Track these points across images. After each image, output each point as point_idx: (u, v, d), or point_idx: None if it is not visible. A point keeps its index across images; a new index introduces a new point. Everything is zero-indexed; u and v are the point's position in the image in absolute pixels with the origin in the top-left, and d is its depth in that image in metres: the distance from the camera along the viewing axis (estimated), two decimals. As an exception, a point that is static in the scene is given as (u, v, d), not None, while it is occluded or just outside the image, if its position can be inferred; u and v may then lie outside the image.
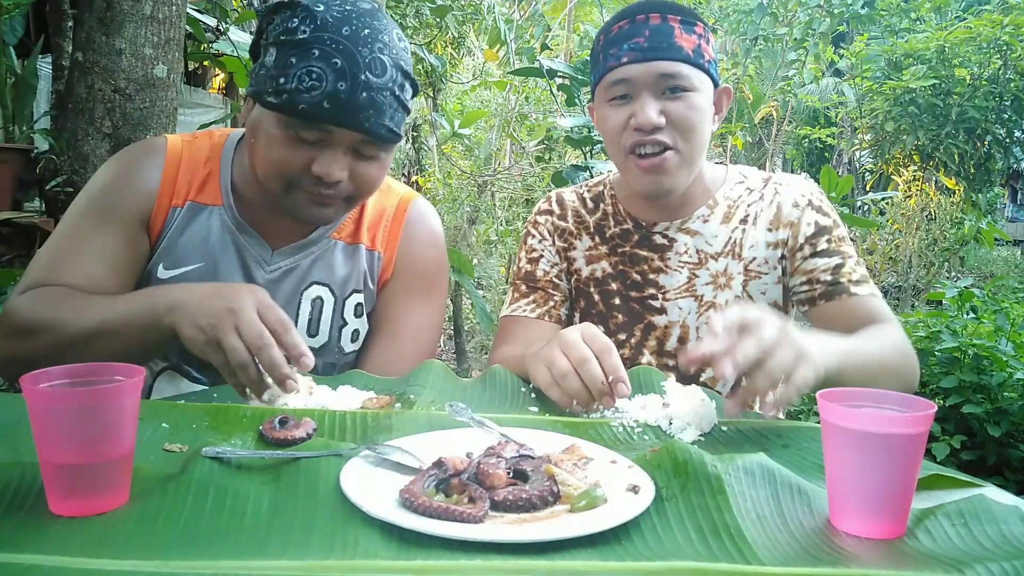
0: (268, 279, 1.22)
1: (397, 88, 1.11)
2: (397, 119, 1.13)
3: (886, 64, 8.31)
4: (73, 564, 0.57)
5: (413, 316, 1.29)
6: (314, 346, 1.24)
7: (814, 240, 1.32)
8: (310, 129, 1.07)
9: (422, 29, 5.25)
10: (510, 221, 6.44)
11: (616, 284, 1.39)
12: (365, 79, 1.06)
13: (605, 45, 1.29)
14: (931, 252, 7.66)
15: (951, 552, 0.63)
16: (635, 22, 1.26)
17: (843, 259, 1.31)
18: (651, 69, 1.24)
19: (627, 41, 1.26)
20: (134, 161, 1.22)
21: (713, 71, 1.28)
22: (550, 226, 1.45)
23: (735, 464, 0.74)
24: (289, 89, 1.05)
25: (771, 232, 1.35)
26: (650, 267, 1.38)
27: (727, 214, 1.37)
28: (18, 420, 0.80)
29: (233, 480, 0.71)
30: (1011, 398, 2.45)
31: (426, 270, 1.32)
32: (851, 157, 10.90)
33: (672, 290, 1.36)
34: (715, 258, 1.36)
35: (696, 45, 1.26)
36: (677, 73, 1.24)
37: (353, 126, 1.07)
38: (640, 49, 1.24)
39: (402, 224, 1.31)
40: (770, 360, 0.87)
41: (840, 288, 1.29)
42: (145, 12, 2.23)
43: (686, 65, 1.25)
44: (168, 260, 1.20)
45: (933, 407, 0.69)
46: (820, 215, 1.34)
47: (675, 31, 1.25)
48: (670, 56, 1.24)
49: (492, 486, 0.69)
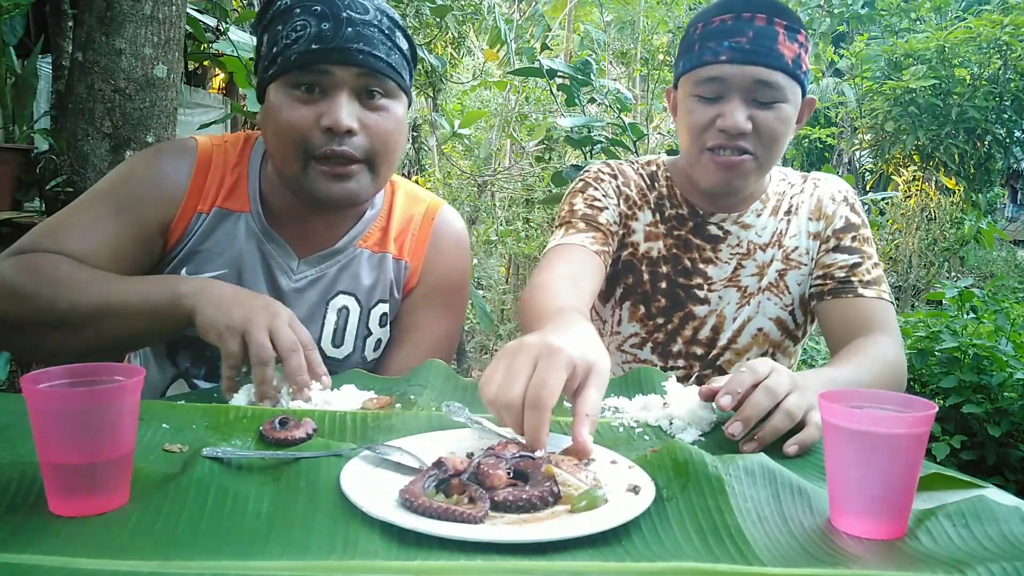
0: (294, 287, 1.21)
1: (385, 28, 1.12)
2: (394, 59, 1.12)
3: (886, 64, 8.31)
4: (73, 564, 0.57)
5: (435, 325, 1.28)
6: (339, 356, 1.24)
7: (841, 235, 1.34)
8: (307, 76, 1.08)
9: (422, 29, 5.24)
10: (510, 221, 6.44)
11: (667, 267, 1.38)
12: (347, 16, 1.08)
13: (703, 36, 1.24)
14: (931, 252, 7.66)
15: (952, 553, 0.63)
16: (740, 19, 1.21)
17: (861, 258, 1.32)
18: (749, 73, 1.20)
19: (729, 38, 1.21)
20: (163, 163, 1.19)
21: (806, 82, 1.26)
22: (615, 188, 1.39)
23: (736, 464, 0.74)
24: (281, 50, 1.09)
25: (812, 222, 1.37)
26: (701, 256, 1.37)
27: (775, 207, 1.38)
28: (18, 420, 0.80)
29: (233, 480, 0.70)
30: (1011, 398, 2.45)
31: (451, 280, 1.30)
32: (851, 157, 10.89)
33: (718, 281, 1.37)
34: (762, 249, 1.37)
35: (796, 54, 1.22)
36: (774, 82, 1.20)
37: (345, 60, 1.08)
38: (741, 50, 1.20)
39: (429, 232, 1.29)
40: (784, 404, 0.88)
41: (849, 287, 1.29)
42: (145, 12, 2.23)
43: (783, 75, 1.21)
44: (192, 265, 1.18)
45: (934, 407, 0.69)
46: (852, 212, 1.36)
47: (779, 36, 1.20)
48: (770, 63, 1.20)
49: (492, 486, 0.69)
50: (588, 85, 2.72)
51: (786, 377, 0.91)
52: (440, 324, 1.29)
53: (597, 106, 3.23)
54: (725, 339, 1.38)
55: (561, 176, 2.64)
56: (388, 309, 1.27)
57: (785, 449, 0.87)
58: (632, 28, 7.24)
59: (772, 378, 0.90)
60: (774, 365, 0.92)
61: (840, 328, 1.29)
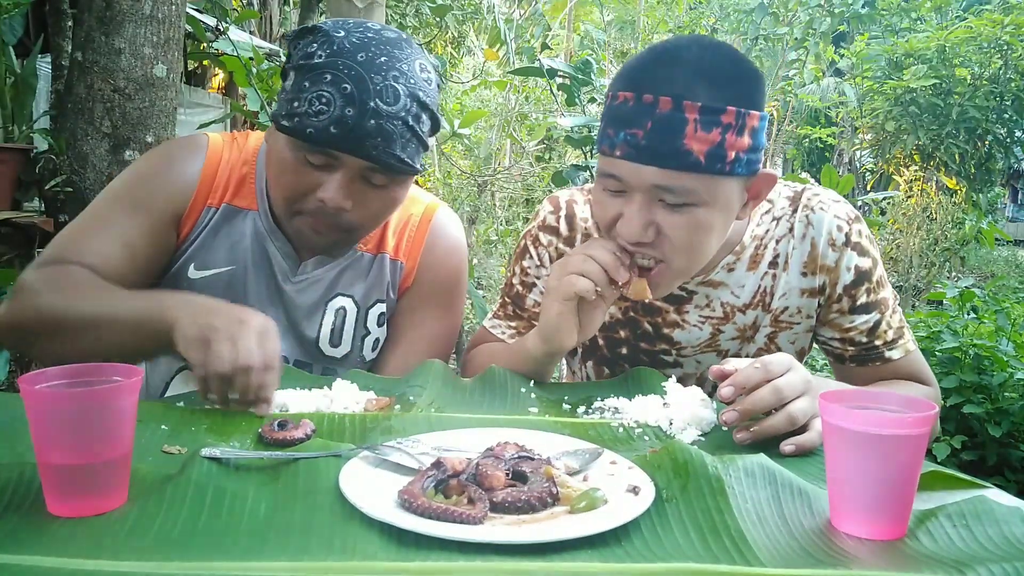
0: (294, 288, 1.22)
1: (411, 118, 1.08)
2: (410, 151, 1.10)
3: (887, 64, 8.31)
4: (71, 565, 0.57)
5: (430, 326, 1.29)
6: (336, 356, 1.25)
7: (853, 291, 1.16)
8: (317, 154, 1.07)
9: (422, 28, 5.25)
10: (510, 221, 6.45)
11: (624, 332, 1.25)
12: (374, 106, 1.04)
13: (606, 115, 1.03)
14: (932, 252, 7.66)
15: (952, 553, 0.63)
16: (640, 103, 0.97)
17: (880, 314, 1.17)
18: (644, 176, 0.98)
19: (625, 128, 0.98)
20: (175, 156, 1.21)
21: (738, 168, 0.98)
22: (553, 251, 1.26)
23: (735, 465, 0.73)
24: (300, 113, 1.06)
25: (806, 277, 1.17)
26: (664, 320, 1.21)
27: (755, 257, 1.18)
28: (16, 420, 0.80)
29: (232, 481, 0.70)
30: (1012, 398, 2.45)
31: (446, 281, 1.31)
32: (852, 157, 10.90)
33: (690, 347, 1.22)
34: (743, 311, 1.19)
35: (715, 144, 0.96)
36: (677, 187, 0.97)
37: (359, 153, 1.06)
38: (636, 146, 0.97)
39: (426, 234, 1.29)
40: (792, 406, 0.87)
41: (874, 354, 1.18)
42: (144, 11, 2.23)
43: (692, 175, 0.97)
44: (199, 261, 1.19)
45: (934, 408, 0.69)
46: (860, 256, 1.16)
47: (687, 127, 0.95)
48: (671, 164, 0.96)
49: (491, 487, 0.69)
50: (588, 85, 2.71)
51: (800, 380, 0.88)
52: (436, 324, 1.29)
53: (597, 106, 3.22)
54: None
55: (561, 176, 2.64)
56: (385, 309, 1.28)
57: (781, 447, 0.87)
58: (632, 28, 7.24)
59: (785, 377, 0.88)
60: (792, 364, 0.89)
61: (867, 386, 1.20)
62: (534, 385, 1.10)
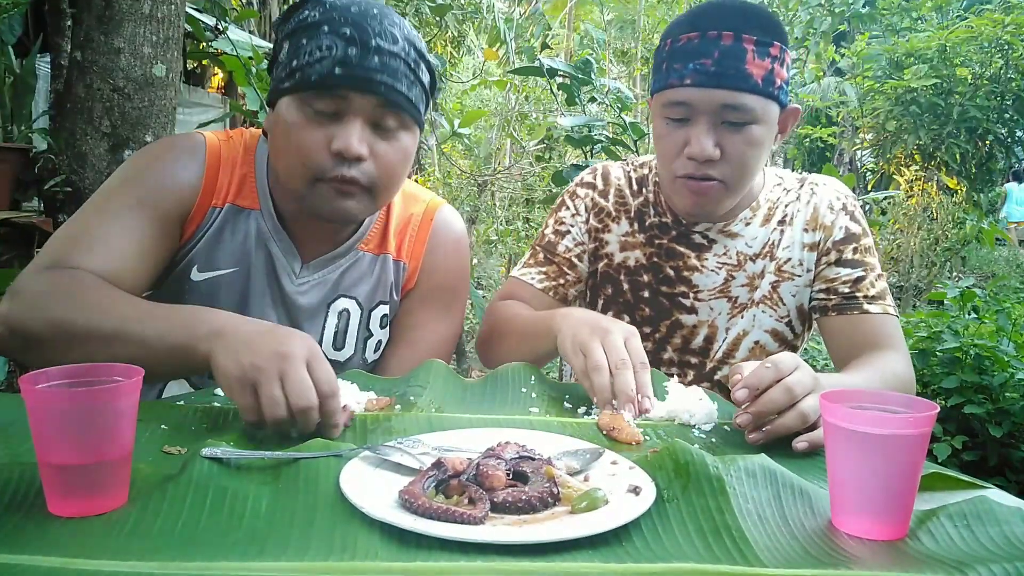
0: (296, 290, 1.20)
1: (411, 61, 1.09)
2: (415, 93, 1.10)
3: (887, 63, 8.30)
4: (72, 565, 0.57)
5: (433, 326, 1.28)
6: (340, 359, 1.23)
7: (842, 246, 1.31)
8: (325, 99, 1.06)
9: (422, 28, 5.24)
10: (510, 221, 6.45)
11: (648, 276, 1.37)
12: (376, 44, 1.05)
13: (670, 55, 1.21)
14: (933, 252, 7.65)
15: (953, 554, 0.63)
16: (705, 38, 1.17)
17: (865, 271, 1.29)
18: (715, 97, 1.17)
19: (694, 60, 1.17)
20: (176, 155, 1.17)
21: (782, 96, 1.21)
22: (589, 202, 1.41)
23: (736, 465, 0.73)
24: (302, 66, 1.06)
25: (807, 233, 1.33)
26: (685, 264, 1.35)
27: (767, 216, 1.35)
28: (17, 420, 0.80)
29: (232, 481, 0.70)
30: (1013, 398, 2.44)
31: (449, 281, 1.30)
32: (852, 156, 10.89)
33: (706, 290, 1.35)
34: (752, 260, 1.34)
35: (768, 70, 1.17)
36: (742, 105, 1.16)
37: (366, 89, 1.05)
38: (706, 73, 1.16)
39: (428, 233, 1.28)
40: (801, 404, 0.88)
41: (854, 303, 1.28)
42: (144, 11, 2.22)
43: (752, 96, 1.16)
44: (203, 262, 1.17)
45: (935, 408, 0.69)
46: (852, 221, 1.32)
47: (747, 55, 1.16)
48: (737, 85, 1.16)
49: (492, 487, 0.69)
50: (588, 84, 2.71)
51: (809, 378, 0.90)
52: (438, 324, 1.29)
53: (598, 105, 3.22)
54: (720, 351, 1.36)
55: (561, 176, 2.64)
56: (388, 310, 1.27)
57: (794, 444, 0.87)
58: (632, 27, 7.24)
59: (795, 376, 0.89)
60: (800, 363, 0.91)
61: (846, 344, 1.28)
62: (535, 384, 1.10)
